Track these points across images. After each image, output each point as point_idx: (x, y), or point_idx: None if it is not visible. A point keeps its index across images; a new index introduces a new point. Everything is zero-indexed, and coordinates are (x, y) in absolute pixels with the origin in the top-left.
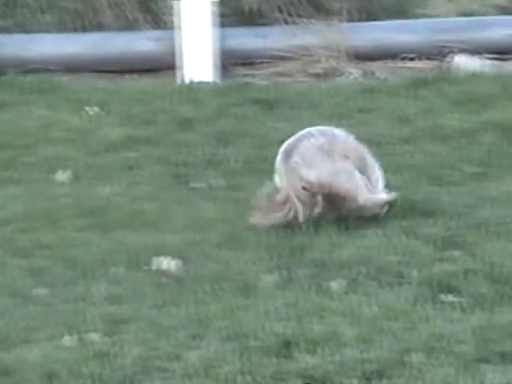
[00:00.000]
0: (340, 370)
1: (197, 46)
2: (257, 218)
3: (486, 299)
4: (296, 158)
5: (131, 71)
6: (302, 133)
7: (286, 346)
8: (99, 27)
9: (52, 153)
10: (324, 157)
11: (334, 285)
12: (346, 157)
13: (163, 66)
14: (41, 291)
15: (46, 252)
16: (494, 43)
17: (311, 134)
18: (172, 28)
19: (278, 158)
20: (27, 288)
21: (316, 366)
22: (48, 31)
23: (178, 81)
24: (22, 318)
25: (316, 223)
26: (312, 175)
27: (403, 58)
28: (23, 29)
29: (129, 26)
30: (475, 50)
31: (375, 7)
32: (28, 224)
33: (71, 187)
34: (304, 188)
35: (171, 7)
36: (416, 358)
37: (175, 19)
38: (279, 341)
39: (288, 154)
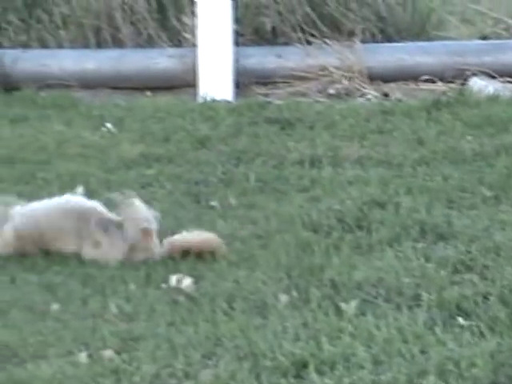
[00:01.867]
0: None
1: (214, 64)
2: None
3: (498, 323)
4: None
5: (150, 88)
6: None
7: (300, 367)
8: (118, 43)
9: (68, 169)
10: None
11: (348, 306)
12: None
13: (182, 83)
14: (55, 307)
15: (61, 268)
16: None
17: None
18: (192, 46)
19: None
20: (41, 303)
21: None
22: (66, 47)
23: (197, 99)
24: (35, 334)
25: (331, 243)
26: None
27: (420, 80)
28: (42, 44)
29: (148, 42)
30: (493, 73)
31: (391, 28)
32: None
33: None
34: None
35: (192, 25)
36: (430, 381)
37: (194, 37)
38: (293, 361)
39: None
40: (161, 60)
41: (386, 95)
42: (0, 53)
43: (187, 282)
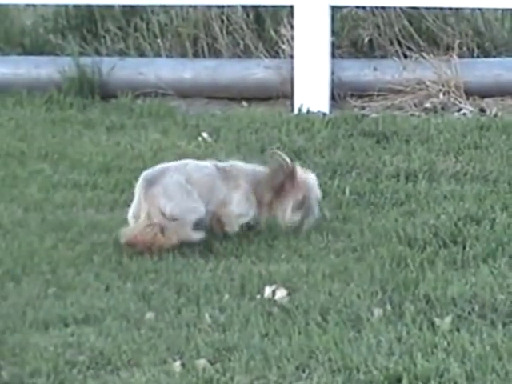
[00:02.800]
0: None
1: (311, 75)
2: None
3: None
4: (158, 188)
5: (246, 99)
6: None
7: (394, 381)
8: (215, 53)
9: None
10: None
11: (442, 321)
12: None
13: (278, 94)
14: (149, 315)
15: (155, 277)
16: None
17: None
18: (289, 57)
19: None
20: (136, 312)
21: None
22: (163, 56)
23: (293, 110)
24: (129, 342)
25: (426, 258)
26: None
27: None
28: (139, 52)
29: (245, 53)
30: None
31: (489, 44)
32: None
33: None
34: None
35: (290, 36)
36: None
37: (291, 48)
38: (387, 375)
39: (150, 183)
40: (257, 71)
41: (482, 110)
42: (97, 60)
43: (281, 293)
